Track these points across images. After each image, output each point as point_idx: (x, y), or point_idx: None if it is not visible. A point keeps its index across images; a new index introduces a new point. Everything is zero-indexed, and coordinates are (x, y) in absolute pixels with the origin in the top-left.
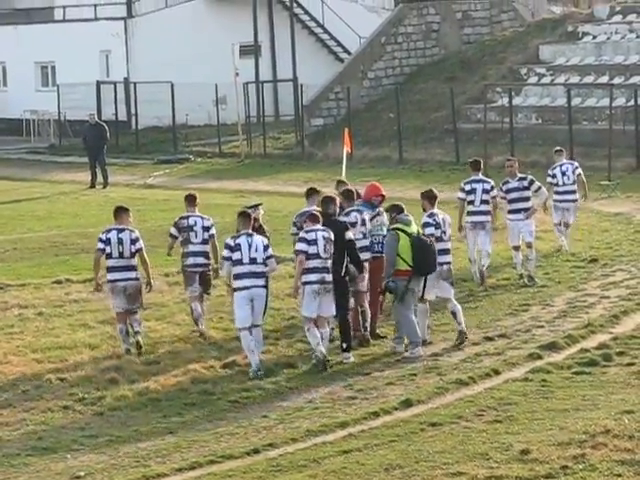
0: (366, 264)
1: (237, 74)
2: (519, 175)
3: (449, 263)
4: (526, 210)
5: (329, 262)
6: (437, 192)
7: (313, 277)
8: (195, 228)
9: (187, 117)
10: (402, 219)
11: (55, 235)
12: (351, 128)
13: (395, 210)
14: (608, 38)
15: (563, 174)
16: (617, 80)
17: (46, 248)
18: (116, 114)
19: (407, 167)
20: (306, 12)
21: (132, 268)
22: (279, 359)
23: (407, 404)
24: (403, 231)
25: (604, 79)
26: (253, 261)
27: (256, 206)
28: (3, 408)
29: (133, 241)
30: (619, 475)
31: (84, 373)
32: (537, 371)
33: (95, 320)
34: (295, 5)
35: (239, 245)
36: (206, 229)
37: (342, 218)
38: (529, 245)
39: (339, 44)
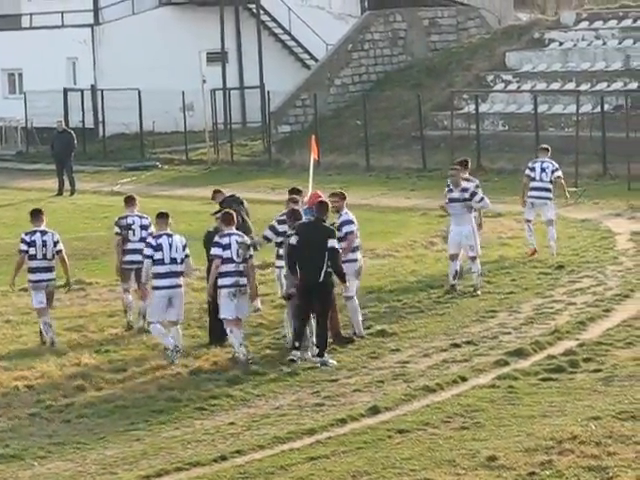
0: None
1: (204, 81)
2: (462, 185)
3: (356, 260)
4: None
5: (242, 266)
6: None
7: (227, 281)
8: (133, 227)
9: (154, 124)
10: None
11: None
12: (318, 135)
13: (295, 219)
14: (575, 45)
15: (542, 170)
16: (584, 87)
17: (13, 255)
18: (83, 121)
19: (374, 174)
20: (273, 19)
21: (52, 269)
22: (246, 366)
23: (374, 411)
24: None
25: (571, 86)
26: (173, 261)
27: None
28: None
29: (55, 243)
30: None
31: (51, 380)
32: (504, 377)
33: (62, 327)
34: (262, 12)
35: (161, 245)
36: (144, 228)
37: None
38: (472, 258)
39: (306, 51)
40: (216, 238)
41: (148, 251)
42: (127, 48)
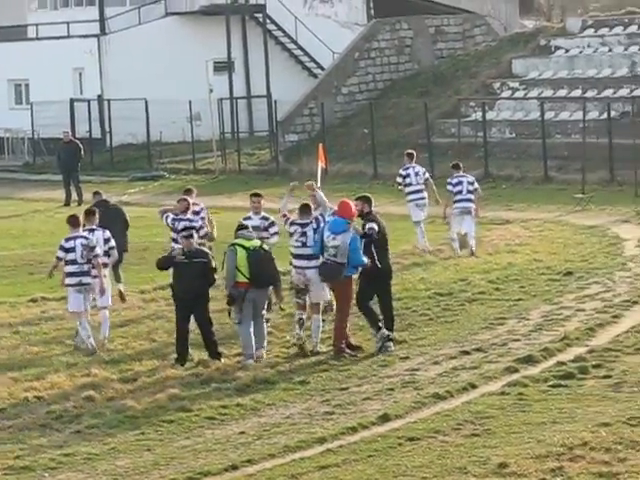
0: (312, 271)
1: (211, 90)
2: (262, 214)
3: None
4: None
5: (86, 266)
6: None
7: (72, 280)
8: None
9: (161, 134)
10: (243, 234)
11: (30, 253)
12: (325, 143)
13: (239, 228)
14: (580, 52)
15: (416, 174)
16: (590, 93)
17: (21, 266)
18: (90, 131)
19: (381, 182)
20: (279, 28)
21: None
22: (256, 375)
23: (385, 419)
24: (241, 245)
25: (577, 92)
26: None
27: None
28: None
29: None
30: None
31: (61, 391)
32: (514, 384)
33: (71, 338)
34: (268, 21)
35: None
36: (106, 241)
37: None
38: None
39: (313, 60)
40: (61, 241)
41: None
42: (133, 58)
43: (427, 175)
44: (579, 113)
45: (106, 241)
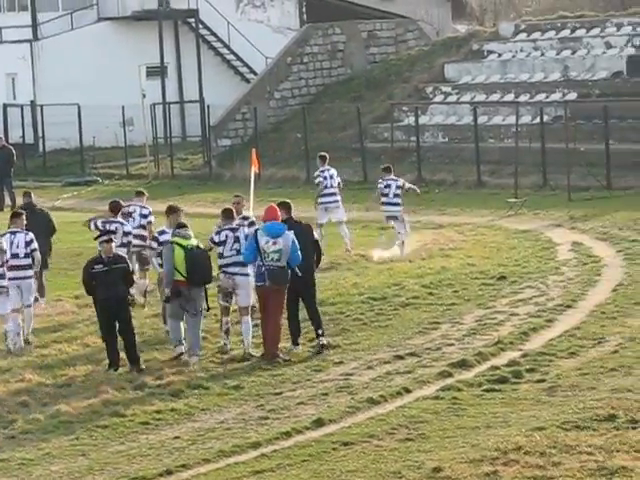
0: (241, 278)
1: (144, 95)
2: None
3: (247, 275)
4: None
5: (1, 269)
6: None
7: None
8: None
9: (94, 139)
10: (180, 233)
11: None
12: (258, 148)
13: (178, 226)
14: (513, 56)
15: (331, 177)
16: (523, 98)
17: None
18: (23, 137)
19: (314, 187)
20: (212, 33)
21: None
22: (190, 380)
23: (319, 424)
24: (179, 244)
25: (510, 97)
26: (15, 256)
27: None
28: None
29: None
30: None
31: None
32: (448, 389)
33: (2, 344)
34: (201, 26)
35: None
36: (27, 243)
37: (214, 237)
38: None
39: (245, 65)
40: None
41: None
42: (66, 63)
43: (339, 179)
44: (512, 117)
45: (28, 244)
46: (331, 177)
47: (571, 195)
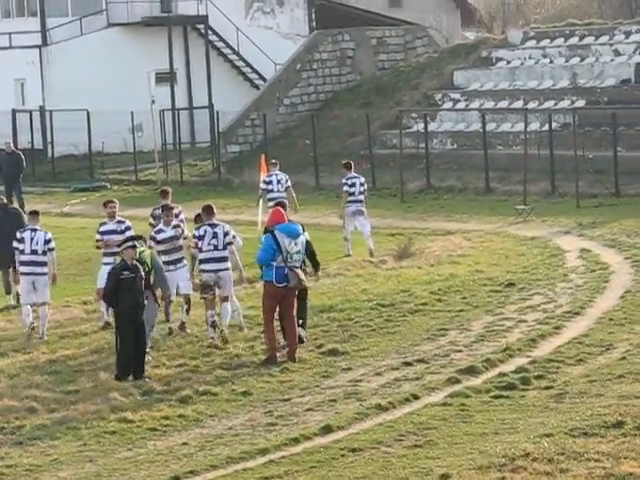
0: (224, 273)
1: (153, 101)
2: (173, 223)
3: (227, 269)
4: (175, 262)
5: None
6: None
7: None
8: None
9: (103, 145)
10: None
11: None
12: (267, 155)
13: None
14: (522, 63)
15: (278, 182)
16: (531, 105)
17: None
18: (32, 142)
19: (324, 193)
20: (221, 39)
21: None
22: (198, 386)
23: (327, 430)
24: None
25: (518, 104)
26: (34, 252)
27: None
28: None
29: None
30: None
31: (3, 402)
32: (456, 395)
33: (12, 349)
34: (210, 32)
35: (23, 239)
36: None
37: (194, 232)
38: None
39: (255, 71)
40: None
41: (14, 244)
42: (75, 69)
43: (289, 183)
44: (520, 124)
45: (47, 242)
46: (279, 182)
47: (579, 202)
